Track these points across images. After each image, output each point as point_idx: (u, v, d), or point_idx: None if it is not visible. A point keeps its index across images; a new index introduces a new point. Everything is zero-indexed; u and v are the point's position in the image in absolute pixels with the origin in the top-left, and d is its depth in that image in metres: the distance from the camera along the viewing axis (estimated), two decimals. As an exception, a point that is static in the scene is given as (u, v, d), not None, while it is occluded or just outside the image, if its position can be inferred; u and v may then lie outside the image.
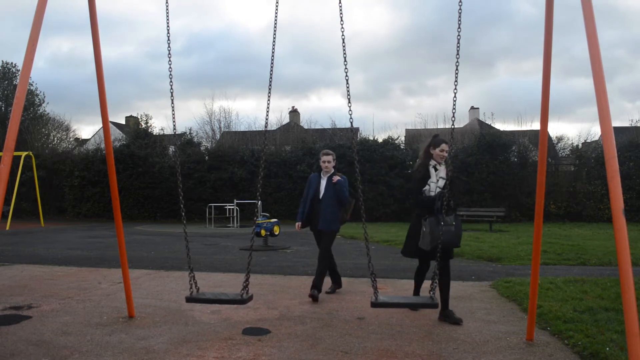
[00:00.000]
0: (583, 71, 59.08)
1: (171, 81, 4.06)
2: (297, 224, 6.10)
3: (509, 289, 6.10)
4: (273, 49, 3.95)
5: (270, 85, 3.96)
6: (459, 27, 3.52)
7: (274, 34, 3.96)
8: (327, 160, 6.17)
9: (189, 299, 3.70)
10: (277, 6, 4.01)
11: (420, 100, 60.93)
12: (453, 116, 3.68)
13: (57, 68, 62.96)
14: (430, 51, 63.44)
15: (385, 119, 72.83)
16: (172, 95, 4.16)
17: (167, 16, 4.09)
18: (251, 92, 59.61)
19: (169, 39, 4.10)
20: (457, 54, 3.57)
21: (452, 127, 3.79)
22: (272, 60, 3.96)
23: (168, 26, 4.11)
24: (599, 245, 10.60)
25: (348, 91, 3.75)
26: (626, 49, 58.55)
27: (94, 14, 4.42)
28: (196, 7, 73.22)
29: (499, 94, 58.91)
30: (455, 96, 3.66)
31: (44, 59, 63.18)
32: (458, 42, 3.53)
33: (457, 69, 3.63)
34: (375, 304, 3.43)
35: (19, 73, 6.80)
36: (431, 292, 3.50)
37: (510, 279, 6.78)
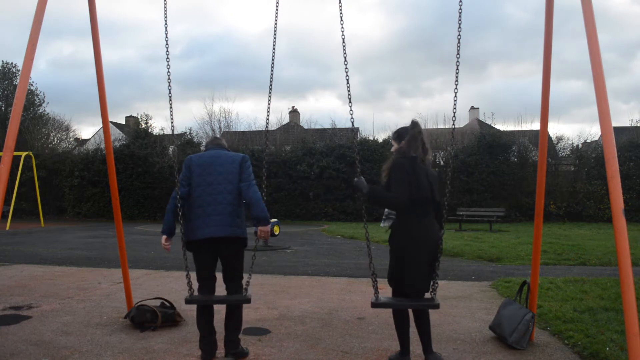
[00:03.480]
0: (574, 73, 60.27)
1: (169, 79, 4.06)
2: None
3: (509, 289, 6.10)
4: (273, 51, 3.97)
5: (270, 86, 3.97)
6: (459, 27, 3.52)
7: (274, 38, 3.99)
8: None
9: (188, 301, 3.68)
10: (276, 12, 4.02)
11: (416, 102, 61.53)
12: (454, 116, 3.68)
13: (59, 70, 63.21)
14: (424, 54, 63.98)
15: (383, 120, 73.14)
16: (170, 94, 4.16)
17: (165, 20, 4.09)
18: (249, 94, 59.99)
19: (166, 37, 4.10)
20: (458, 53, 3.56)
21: (453, 127, 3.79)
22: (273, 62, 3.99)
23: (166, 24, 4.11)
24: (599, 245, 10.60)
25: (349, 91, 3.75)
26: (617, 52, 59.69)
27: (94, 14, 4.42)
28: (195, 13, 73.44)
29: (493, 96, 59.68)
30: (455, 96, 3.66)
31: (46, 62, 63.50)
32: (458, 42, 3.53)
33: (457, 69, 3.63)
34: (375, 304, 3.44)
35: (19, 73, 6.80)
36: (432, 293, 3.50)
37: (510, 279, 6.79)
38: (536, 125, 20.66)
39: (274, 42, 3.99)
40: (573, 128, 73.93)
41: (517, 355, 3.78)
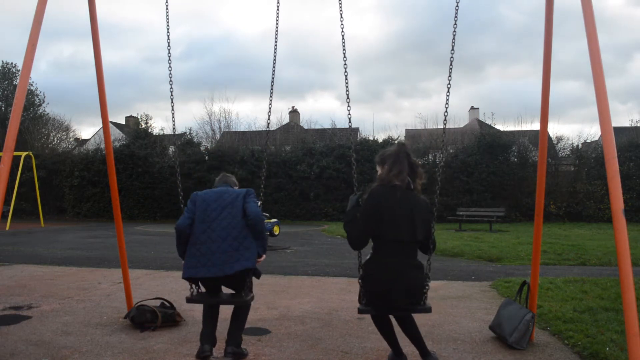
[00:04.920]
0: (571, 74, 60.62)
1: (171, 80, 4.09)
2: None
3: (509, 289, 6.10)
4: (275, 53, 4.00)
5: (271, 91, 4.00)
6: (455, 24, 3.56)
7: (275, 41, 4.02)
8: None
9: (190, 300, 3.69)
10: (277, 19, 4.04)
11: (414, 102, 61.80)
12: (446, 111, 3.65)
13: (59, 71, 63.36)
14: (421, 55, 64.24)
15: (382, 120, 73.33)
16: (171, 93, 4.18)
17: (167, 22, 4.11)
18: (249, 95, 60.21)
19: (168, 39, 4.12)
20: (452, 49, 3.57)
21: (445, 122, 3.74)
22: (274, 64, 4.02)
23: (168, 26, 4.13)
24: (599, 245, 10.60)
25: (347, 86, 3.78)
26: (614, 53, 60.14)
27: (94, 15, 4.43)
28: (195, 15, 73.48)
29: (491, 96, 60.06)
30: (448, 91, 3.65)
31: (47, 62, 63.63)
32: (453, 39, 3.56)
33: (451, 65, 3.62)
34: (362, 311, 3.39)
35: (19, 73, 6.81)
36: (423, 299, 3.39)
37: (510, 279, 6.79)
38: (536, 126, 20.67)
39: (275, 45, 4.02)
40: (572, 128, 74.71)
41: (517, 355, 3.78)
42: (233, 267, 3.49)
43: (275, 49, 4.09)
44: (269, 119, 4.34)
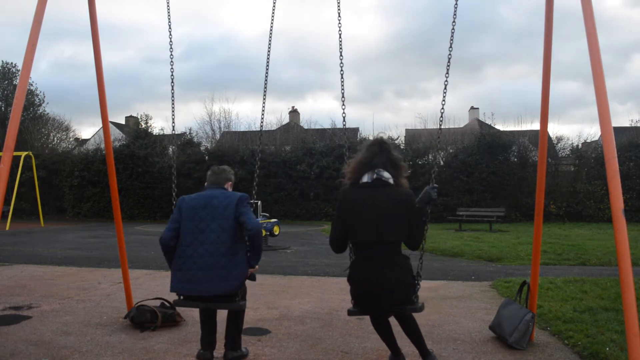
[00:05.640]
0: (570, 75, 60.82)
1: (172, 79, 4.09)
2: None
3: (509, 289, 6.11)
4: (268, 53, 4.00)
5: (264, 91, 3.99)
6: (454, 21, 3.57)
7: (269, 42, 4.01)
8: None
9: (177, 303, 3.69)
10: (272, 20, 4.04)
11: (414, 103, 61.89)
12: (442, 108, 3.66)
13: (60, 71, 63.46)
14: (421, 56, 64.39)
15: (381, 120, 73.50)
16: (172, 90, 4.18)
17: (169, 23, 4.11)
18: (248, 95, 60.39)
19: (170, 36, 4.12)
20: (450, 47, 3.57)
21: (441, 119, 3.75)
22: (267, 63, 4.01)
23: (170, 26, 4.13)
24: (599, 245, 10.60)
25: (342, 85, 3.78)
26: (611, 53, 60.30)
27: (94, 16, 4.43)
28: (195, 16, 73.59)
29: (491, 97, 60.22)
30: (445, 88, 3.66)
31: (47, 63, 63.71)
32: (452, 37, 3.56)
33: (449, 62, 3.63)
34: (351, 312, 3.37)
35: (19, 73, 6.81)
36: (414, 298, 3.35)
37: (510, 279, 6.79)
38: (536, 126, 20.67)
39: (269, 47, 4.02)
40: (572, 129, 75.07)
41: (517, 355, 3.78)
42: (219, 286, 3.33)
43: (269, 50, 4.10)
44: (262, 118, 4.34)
